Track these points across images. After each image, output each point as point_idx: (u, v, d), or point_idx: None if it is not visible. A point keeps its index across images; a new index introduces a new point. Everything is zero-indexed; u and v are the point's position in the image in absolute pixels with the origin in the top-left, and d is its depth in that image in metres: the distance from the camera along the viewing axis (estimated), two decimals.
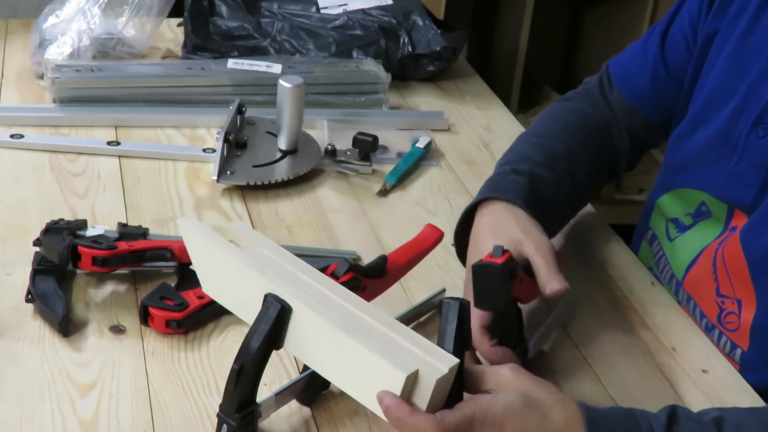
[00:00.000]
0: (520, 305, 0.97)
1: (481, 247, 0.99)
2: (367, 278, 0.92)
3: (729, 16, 1.11)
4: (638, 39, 1.27)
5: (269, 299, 0.81)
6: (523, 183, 1.07)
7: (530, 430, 0.79)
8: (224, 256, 0.85)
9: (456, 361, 0.78)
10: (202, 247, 0.87)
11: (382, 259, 0.95)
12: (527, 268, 0.95)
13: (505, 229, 1.00)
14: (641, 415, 0.83)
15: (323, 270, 0.89)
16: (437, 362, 0.77)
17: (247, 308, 0.83)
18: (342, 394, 0.94)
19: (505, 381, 0.81)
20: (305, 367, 0.92)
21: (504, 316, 0.94)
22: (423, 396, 0.77)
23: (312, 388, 0.92)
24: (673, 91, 1.21)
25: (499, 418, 0.78)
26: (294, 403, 0.93)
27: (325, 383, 0.93)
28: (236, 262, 0.84)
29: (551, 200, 1.10)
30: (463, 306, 0.80)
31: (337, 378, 0.82)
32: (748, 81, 1.07)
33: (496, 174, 1.12)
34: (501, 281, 0.89)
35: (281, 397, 0.89)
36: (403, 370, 0.76)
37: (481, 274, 0.89)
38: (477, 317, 0.92)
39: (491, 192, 1.06)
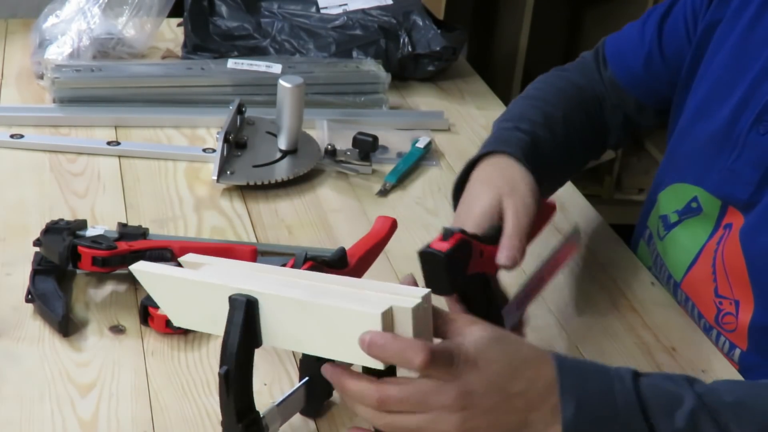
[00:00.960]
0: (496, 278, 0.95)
1: (471, 195, 0.99)
2: (329, 269, 0.92)
3: (733, 7, 1.10)
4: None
5: (233, 298, 0.80)
6: (526, 140, 1.07)
7: (504, 363, 0.78)
8: (182, 280, 0.84)
9: (426, 291, 0.77)
10: (159, 282, 0.86)
11: (341, 251, 0.95)
12: (495, 237, 0.94)
13: (495, 180, 0.99)
14: (606, 364, 0.83)
15: (283, 266, 0.88)
16: (409, 297, 0.76)
17: (221, 323, 0.82)
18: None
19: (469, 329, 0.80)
20: (302, 376, 0.92)
21: (464, 295, 0.93)
22: (406, 333, 0.76)
23: (314, 399, 0.92)
24: (667, 77, 1.20)
25: (472, 355, 0.77)
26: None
27: (327, 391, 0.93)
28: (194, 279, 0.83)
29: (549, 161, 1.09)
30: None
31: (322, 349, 0.81)
32: (751, 76, 1.07)
33: (497, 130, 1.12)
34: (446, 269, 0.88)
35: (284, 408, 0.87)
36: (377, 310, 0.75)
37: (426, 261, 0.88)
38: None
39: (495, 145, 1.05)
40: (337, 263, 0.93)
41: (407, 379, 0.77)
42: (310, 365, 0.89)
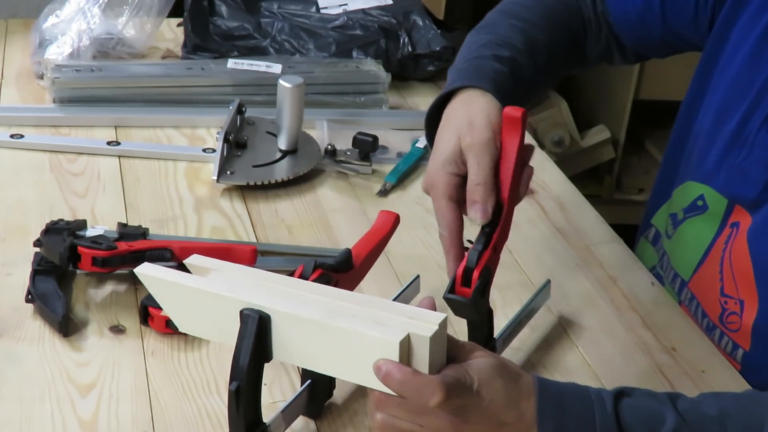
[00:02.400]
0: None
1: (438, 139, 0.97)
2: (336, 273, 0.92)
3: (753, 7, 1.07)
4: None
5: (245, 313, 0.79)
6: (504, 72, 1.04)
7: (502, 394, 0.79)
8: (191, 289, 0.83)
9: (443, 316, 0.77)
10: (165, 287, 0.84)
11: (347, 252, 0.94)
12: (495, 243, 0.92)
13: (456, 120, 0.96)
14: (590, 387, 0.84)
15: (290, 275, 0.88)
16: (425, 323, 0.76)
17: (229, 333, 0.81)
18: (342, 398, 0.94)
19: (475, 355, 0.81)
20: (303, 379, 0.91)
21: (476, 322, 0.95)
22: (422, 359, 0.76)
23: (316, 400, 0.91)
24: (660, 35, 1.16)
25: (475, 381, 0.78)
26: None
27: (329, 392, 0.93)
28: (204, 290, 0.82)
29: (527, 86, 1.07)
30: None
31: (335, 369, 0.81)
32: (765, 76, 1.06)
33: (475, 56, 1.08)
34: (474, 310, 0.89)
35: (288, 414, 0.87)
36: (395, 338, 0.75)
37: (454, 307, 0.89)
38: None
39: (469, 79, 1.01)
40: (343, 266, 0.93)
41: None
42: None
